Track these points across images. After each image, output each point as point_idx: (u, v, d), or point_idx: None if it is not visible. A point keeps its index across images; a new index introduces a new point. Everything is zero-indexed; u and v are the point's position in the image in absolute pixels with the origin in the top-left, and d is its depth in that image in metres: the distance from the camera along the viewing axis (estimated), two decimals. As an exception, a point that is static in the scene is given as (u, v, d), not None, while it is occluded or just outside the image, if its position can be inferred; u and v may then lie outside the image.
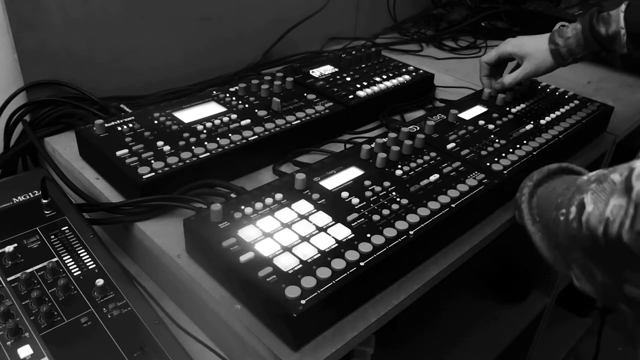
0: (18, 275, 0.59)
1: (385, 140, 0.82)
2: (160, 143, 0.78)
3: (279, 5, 1.19)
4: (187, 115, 0.87)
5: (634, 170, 0.42)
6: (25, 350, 0.52)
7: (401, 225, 0.66)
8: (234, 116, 0.87)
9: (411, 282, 0.66)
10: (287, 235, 0.63)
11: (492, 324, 1.30)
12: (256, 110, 0.89)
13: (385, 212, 0.68)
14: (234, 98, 0.93)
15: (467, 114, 0.95)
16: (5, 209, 0.68)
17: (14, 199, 0.69)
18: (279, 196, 0.69)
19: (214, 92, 0.95)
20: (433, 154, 0.81)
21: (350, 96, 0.98)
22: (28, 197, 0.70)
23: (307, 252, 0.61)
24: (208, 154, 0.77)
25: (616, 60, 1.31)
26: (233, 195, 0.71)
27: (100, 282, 0.59)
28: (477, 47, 1.45)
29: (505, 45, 0.99)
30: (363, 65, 1.11)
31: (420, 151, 0.82)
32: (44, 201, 0.68)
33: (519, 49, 0.96)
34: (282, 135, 0.85)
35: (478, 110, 0.97)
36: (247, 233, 0.63)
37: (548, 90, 1.08)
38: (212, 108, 0.90)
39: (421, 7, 1.60)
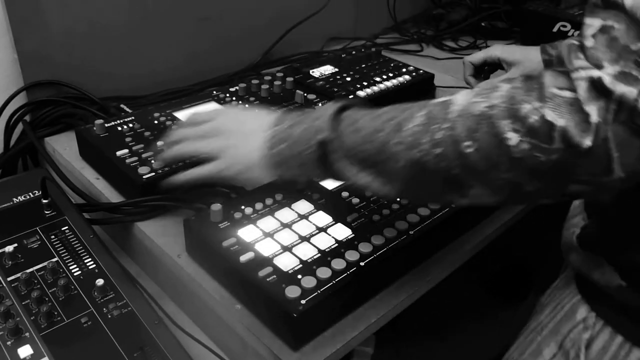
0: (18, 275, 0.59)
1: (385, 140, 0.82)
2: (160, 143, 0.78)
3: (278, 5, 1.19)
4: (187, 115, 0.86)
5: (601, 78, 0.41)
6: (25, 350, 0.52)
7: (401, 225, 0.66)
8: (234, 116, 0.87)
9: (411, 282, 0.66)
10: (287, 235, 0.63)
11: (492, 324, 1.30)
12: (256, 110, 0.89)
13: (385, 211, 0.68)
14: (234, 98, 0.93)
15: (467, 114, 0.95)
16: (5, 209, 0.68)
17: (14, 199, 0.69)
18: (279, 196, 0.69)
19: (214, 92, 0.95)
20: (433, 154, 0.81)
21: (350, 96, 0.98)
22: (28, 197, 0.70)
23: (307, 252, 0.61)
24: (208, 154, 0.77)
25: None
26: (233, 195, 0.71)
27: (100, 282, 0.59)
28: (477, 47, 1.45)
29: (494, 49, 0.99)
30: (363, 65, 1.11)
31: (420, 151, 0.82)
32: (44, 201, 0.68)
33: (510, 55, 0.97)
34: (282, 135, 0.85)
35: (478, 110, 0.97)
36: (247, 233, 0.63)
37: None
38: (212, 108, 0.89)
39: (421, 7, 1.60)
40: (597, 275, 0.60)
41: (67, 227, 0.66)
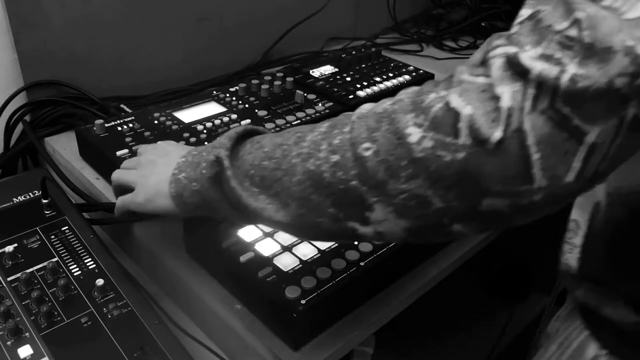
0: (18, 275, 0.59)
1: (385, 140, 0.82)
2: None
3: (278, 5, 1.19)
4: (187, 115, 0.87)
5: (517, 54, 0.35)
6: (25, 350, 0.52)
7: (401, 225, 0.65)
8: (234, 116, 0.87)
9: (411, 282, 0.66)
10: (287, 235, 0.63)
11: (492, 324, 1.30)
12: (256, 110, 0.89)
13: (385, 212, 0.67)
14: (234, 98, 0.93)
15: (467, 114, 0.95)
16: (5, 209, 0.68)
17: (14, 199, 0.69)
18: (279, 196, 0.69)
19: (214, 92, 0.95)
20: (433, 154, 0.81)
21: (350, 96, 0.98)
22: (28, 197, 0.70)
23: (307, 252, 0.61)
24: (208, 154, 0.77)
25: None
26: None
27: (100, 282, 0.59)
28: (477, 47, 1.45)
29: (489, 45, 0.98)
30: (363, 65, 1.11)
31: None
32: (44, 201, 0.68)
33: None
34: (282, 135, 0.85)
35: (478, 110, 0.97)
36: (247, 233, 0.63)
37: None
38: (212, 108, 0.90)
39: (421, 7, 1.60)
40: (609, 311, 0.54)
41: (67, 227, 0.66)
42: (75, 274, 0.61)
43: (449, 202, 0.38)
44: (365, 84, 1.03)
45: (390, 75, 1.08)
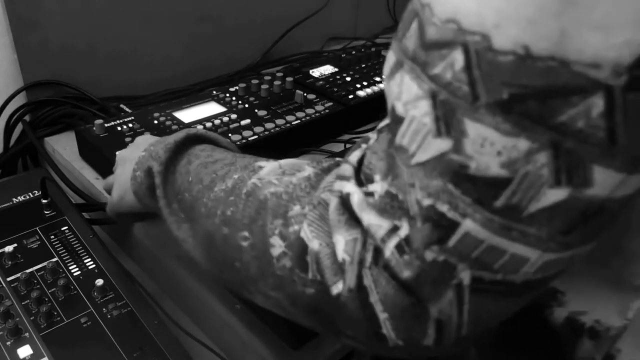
0: (18, 275, 0.59)
1: (385, 140, 0.82)
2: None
3: (278, 5, 1.19)
4: (187, 115, 0.87)
5: (350, 196, 0.29)
6: (25, 351, 0.52)
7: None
8: (234, 116, 0.87)
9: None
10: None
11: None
12: (256, 110, 0.89)
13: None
14: (234, 98, 0.93)
15: (467, 114, 0.95)
16: (5, 209, 0.68)
17: (14, 199, 0.69)
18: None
19: (214, 92, 0.95)
20: (433, 154, 0.81)
21: (350, 96, 0.98)
22: (28, 197, 0.70)
23: (307, 252, 0.61)
24: (208, 153, 0.77)
25: None
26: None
27: (100, 282, 0.59)
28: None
29: None
30: (363, 65, 1.11)
31: (420, 151, 0.82)
32: (44, 201, 0.68)
33: None
34: (282, 135, 0.85)
35: (478, 110, 0.97)
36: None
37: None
38: (212, 108, 0.90)
39: (421, 7, 1.60)
40: None
41: (66, 227, 0.66)
42: (75, 274, 0.61)
43: (312, 324, 0.34)
44: (365, 84, 1.03)
45: (390, 75, 1.08)
